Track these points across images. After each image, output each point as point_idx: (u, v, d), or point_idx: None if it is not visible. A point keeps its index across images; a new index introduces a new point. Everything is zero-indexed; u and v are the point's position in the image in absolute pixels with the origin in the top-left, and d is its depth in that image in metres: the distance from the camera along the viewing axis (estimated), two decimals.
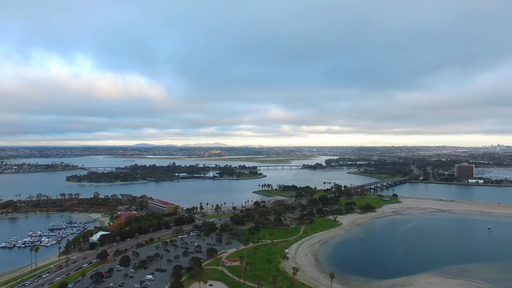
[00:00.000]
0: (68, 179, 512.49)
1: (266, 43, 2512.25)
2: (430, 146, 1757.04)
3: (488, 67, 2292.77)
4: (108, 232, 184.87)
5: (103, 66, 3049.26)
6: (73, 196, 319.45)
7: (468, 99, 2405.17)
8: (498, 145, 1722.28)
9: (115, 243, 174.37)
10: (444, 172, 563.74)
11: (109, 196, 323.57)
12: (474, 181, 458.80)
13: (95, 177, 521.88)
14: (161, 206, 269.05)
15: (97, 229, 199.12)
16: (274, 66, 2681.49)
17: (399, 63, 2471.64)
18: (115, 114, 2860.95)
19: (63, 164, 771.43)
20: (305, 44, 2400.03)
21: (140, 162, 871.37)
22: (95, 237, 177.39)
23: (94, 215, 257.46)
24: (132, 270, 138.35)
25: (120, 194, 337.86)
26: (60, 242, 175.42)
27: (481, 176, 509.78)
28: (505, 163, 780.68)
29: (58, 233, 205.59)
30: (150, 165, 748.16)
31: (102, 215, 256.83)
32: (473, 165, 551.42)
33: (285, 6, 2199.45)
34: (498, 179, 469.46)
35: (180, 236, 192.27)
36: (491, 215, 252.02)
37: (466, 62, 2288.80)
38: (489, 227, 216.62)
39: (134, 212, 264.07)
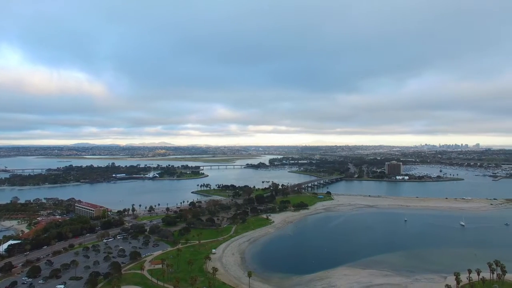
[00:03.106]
0: None
1: (211, 42, 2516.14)
2: (369, 146, 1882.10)
3: (415, 74, 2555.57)
4: (19, 241, 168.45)
5: (35, 59, 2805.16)
6: None
7: (400, 102, 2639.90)
8: (426, 145, 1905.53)
9: (27, 253, 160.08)
10: (376, 170, 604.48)
11: (31, 201, 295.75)
12: (400, 177, 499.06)
13: (18, 180, 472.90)
14: (89, 209, 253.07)
15: (6, 238, 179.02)
16: (220, 66, 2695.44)
17: (339, 67, 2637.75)
18: (51, 111, 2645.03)
19: None
20: (249, 45, 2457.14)
21: (77, 162, 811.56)
22: (2, 248, 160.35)
23: (7, 223, 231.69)
24: (41, 281, 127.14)
25: (44, 198, 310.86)
26: None
27: (407, 173, 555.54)
28: (428, 161, 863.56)
29: None
30: (87, 165, 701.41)
31: (18, 222, 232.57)
32: (401, 163, 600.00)
33: (229, 5, 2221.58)
34: (420, 176, 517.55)
35: (105, 240, 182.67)
36: (409, 208, 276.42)
37: (397, 69, 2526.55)
38: (405, 219, 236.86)
39: (57, 217, 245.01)
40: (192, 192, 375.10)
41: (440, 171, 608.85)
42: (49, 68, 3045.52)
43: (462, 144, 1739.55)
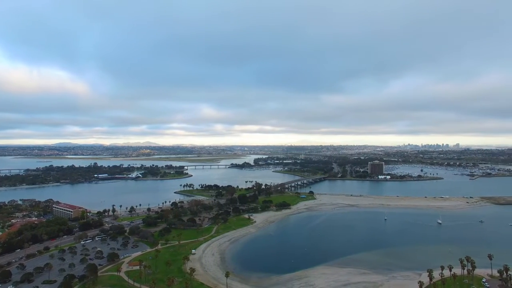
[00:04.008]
0: None
1: (195, 42, 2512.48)
2: (354, 145, 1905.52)
3: (397, 75, 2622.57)
4: None
5: (13, 56, 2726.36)
6: None
7: (384, 103, 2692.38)
8: (409, 144, 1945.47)
9: None
10: (360, 170, 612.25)
11: (6, 202, 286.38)
12: (383, 177, 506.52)
13: None
14: (67, 211, 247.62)
15: None
16: (206, 66, 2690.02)
17: (323, 67, 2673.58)
18: (31, 110, 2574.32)
19: None
20: (234, 44, 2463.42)
21: (58, 162, 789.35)
22: None
23: None
24: (11, 286, 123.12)
25: (21, 200, 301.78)
26: None
27: (389, 172, 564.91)
28: (410, 160, 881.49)
29: None
30: (68, 166, 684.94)
31: None
32: (383, 163, 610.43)
33: (213, 5, 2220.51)
34: (402, 175, 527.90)
35: (83, 242, 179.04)
36: (389, 207, 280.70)
37: (379, 70, 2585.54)
38: (385, 218, 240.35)
39: (34, 218, 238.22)
40: (175, 192, 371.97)
41: (421, 170, 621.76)
42: (28, 66, 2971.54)
43: (443, 144, 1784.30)
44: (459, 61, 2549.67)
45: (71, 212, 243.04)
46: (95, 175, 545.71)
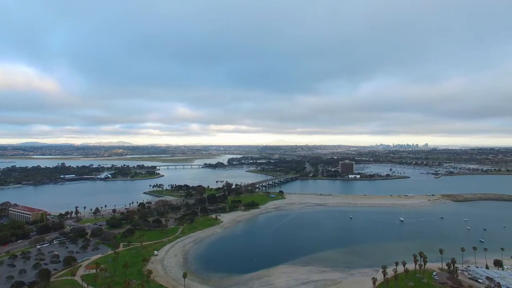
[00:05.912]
0: None
1: (168, 41, 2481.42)
2: (328, 145, 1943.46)
3: (368, 77, 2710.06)
4: None
5: None
6: None
7: (356, 104, 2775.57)
8: (381, 144, 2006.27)
9: None
10: (331, 169, 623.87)
11: None
12: (353, 176, 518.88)
13: None
14: (25, 214, 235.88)
15: None
16: (180, 65, 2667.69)
17: (296, 69, 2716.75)
18: None
19: None
20: (208, 44, 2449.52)
21: (22, 163, 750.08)
22: None
23: None
24: None
25: None
26: None
27: (359, 171, 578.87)
28: (381, 160, 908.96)
29: None
30: (32, 166, 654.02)
31: None
32: (353, 162, 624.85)
33: (185, 4, 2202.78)
34: (371, 174, 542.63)
35: (39, 246, 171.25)
36: (356, 205, 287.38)
37: (350, 72, 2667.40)
38: (351, 216, 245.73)
39: None
40: (144, 193, 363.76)
41: (390, 169, 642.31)
42: None
43: (413, 144, 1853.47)
44: (426, 65, 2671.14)
45: (30, 215, 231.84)
46: (62, 176, 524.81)
